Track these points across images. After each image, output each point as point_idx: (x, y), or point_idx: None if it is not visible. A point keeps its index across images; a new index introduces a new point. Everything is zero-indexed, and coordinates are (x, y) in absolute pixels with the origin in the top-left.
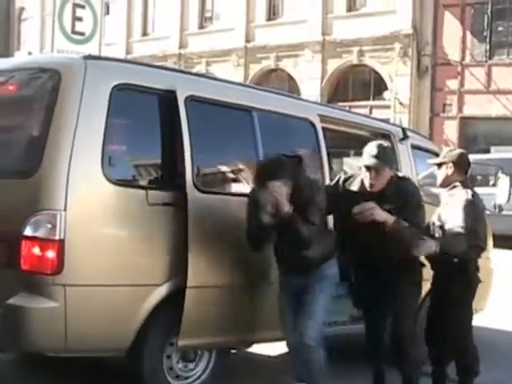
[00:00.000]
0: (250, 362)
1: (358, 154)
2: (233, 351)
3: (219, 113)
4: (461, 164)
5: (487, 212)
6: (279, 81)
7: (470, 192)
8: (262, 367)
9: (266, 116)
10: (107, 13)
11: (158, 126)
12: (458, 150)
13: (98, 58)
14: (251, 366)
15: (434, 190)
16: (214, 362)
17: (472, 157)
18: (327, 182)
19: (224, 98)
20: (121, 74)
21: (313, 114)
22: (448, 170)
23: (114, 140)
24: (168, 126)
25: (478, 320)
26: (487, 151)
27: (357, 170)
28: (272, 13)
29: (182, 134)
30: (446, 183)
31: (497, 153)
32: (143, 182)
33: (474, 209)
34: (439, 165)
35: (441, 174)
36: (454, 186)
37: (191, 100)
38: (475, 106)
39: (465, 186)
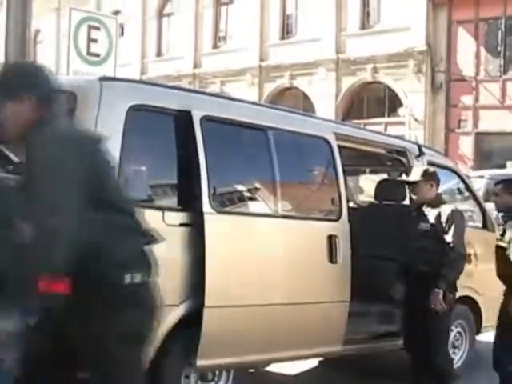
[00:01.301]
0: (268, 381)
1: (374, 171)
2: (251, 370)
3: (235, 132)
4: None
5: None
6: (294, 99)
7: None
8: None
9: (281, 135)
10: (122, 34)
11: (174, 146)
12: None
13: (114, 79)
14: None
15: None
16: (233, 382)
17: (488, 172)
18: (343, 198)
19: (239, 117)
20: (136, 95)
21: (328, 132)
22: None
23: (130, 161)
24: (184, 146)
25: None
26: (503, 166)
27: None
28: (286, 32)
29: (197, 155)
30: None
31: None
32: (160, 203)
33: None
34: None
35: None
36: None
37: (207, 120)
38: (490, 122)
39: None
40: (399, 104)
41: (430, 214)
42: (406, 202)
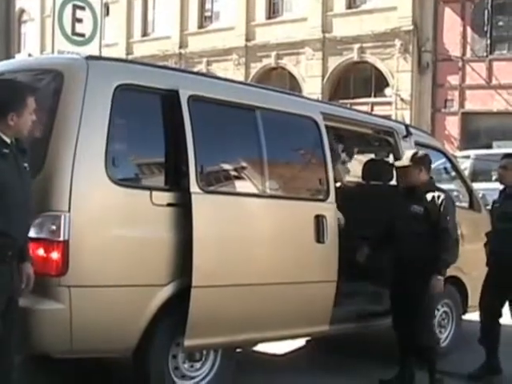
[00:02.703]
0: (256, 361)
1: (361, 151)
2: (238, 350)
3: (222, 112)
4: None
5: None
6: (280, 79)
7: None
8: (267, 365)
9: (269, 115)
10: (107, 14)
11: (161, 126)
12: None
13: (100, 58)
14: (257, 364)
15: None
16: (220, 362)
17: (474, 152)
18: (330, 179)
19: (227, 97)
20: (123, 75)
21: (316, 112)
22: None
23: (118, 140)
24: (171, 125)
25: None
26: (489, 146)
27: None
28: (272, 11)
29: (185, 134)
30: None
31: (498, 148)
32: (147, 183)
33: None
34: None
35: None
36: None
37: (194, 100)
38: (477, 102)
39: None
40: (386, 84)
41: (423, 197)
42: (393, 182)
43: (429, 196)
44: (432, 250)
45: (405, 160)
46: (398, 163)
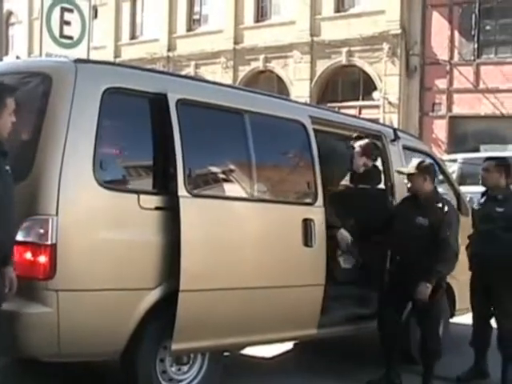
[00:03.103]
0: (244, 364)
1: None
2: (226, 354)
3: (211, 116)
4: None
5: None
6: (268, 82)
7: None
8: (255, 369)
9: (257, 118)
10: (95, 16)
11: (150, 129)
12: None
13: (89, 61)
14: (245, 367)
15: None
16: (208, 365)
17: (461, 156)
18: (318, 182)
19: (215, 100)
20: (111, 78)
21: (304, 116)
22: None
23: (106, 144)
24: (159, 129)
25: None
26: (477, 150)
27: None
28: (260, 14)
29: (173, 138)
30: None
31: (486, 151)
32: (135, 186)
33: None
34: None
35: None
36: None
37: (182, 103)
38: (464, 105)
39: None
40: (374, 87)
41: (428, 209)
42: (381, 186)
43: (434, 208)
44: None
45: (410, 168)
46: (403, 170)
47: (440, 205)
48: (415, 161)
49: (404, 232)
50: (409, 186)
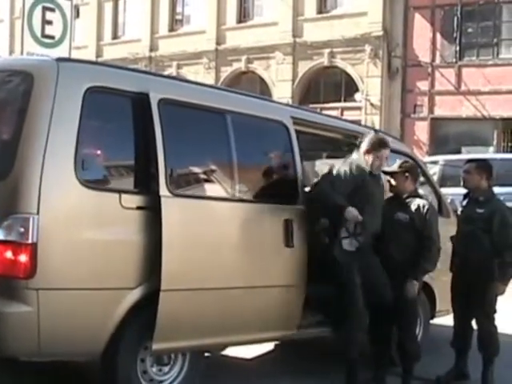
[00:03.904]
0: (225, 365)
1: (331, 156)
2: (207, 354)
3: (193, 115)
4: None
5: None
6: (250, 83)
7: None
8: (236, 369)
9: (239, 119)
10: (77, 16)
11: (132, 129)
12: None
13: (71, 60)
14: (226, 368)
15: None
16: (189, 366)
17: (442, 158)
18: (299, 183)
19: (197, 100)
20: (94, 77)
21: (286, 117)
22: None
23: (87, 143)
24: (141, 128)
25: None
26: (458, 152)
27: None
28: (243, 15)
29: (154, 137)
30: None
31: (468, 153)
32: (116, 186)
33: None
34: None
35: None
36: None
37: (164, 103)
38: (446, 107)
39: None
40: (355, 89)
41: (408, 205)
42: None
43: (414, 204)
44: (416, 256)
45: (393, 167)
46: (386, 169)
47: (420, 202)
48: (399, 161)
49: (386, 229)
50: (391, 185)
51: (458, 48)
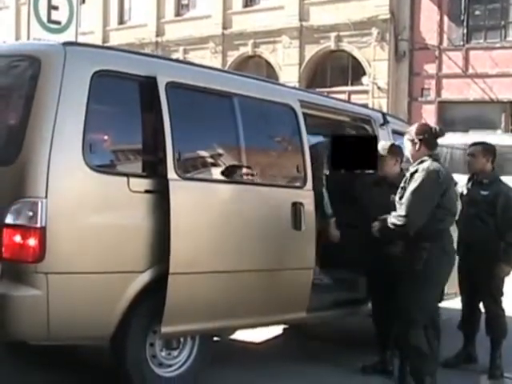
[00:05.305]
0: (234, 349)
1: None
2: (215, 338)
3: (200, 99)
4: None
5: None
6: (257, 67)
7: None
8: (245, 353)
9: (247, 102)
10: (83, 1)
11: (139, 112)
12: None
13: (78, 44)
14: (235, 352)
15: None
16: (198, 350)
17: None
18: (307, 166)
19: (205, 84)
20: (101, 61)
21: (293, 100)
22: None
23: (95, 127)
24: (149, 112)
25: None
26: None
27: None
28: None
29: (162, 121)
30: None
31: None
32: (124, 169)
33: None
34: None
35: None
36: (422, 161)
37: (172, 86)
38: (453, 90)
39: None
40: (362, 72)
41: (396, 187)
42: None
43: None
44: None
45: (381, 150)
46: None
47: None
48: (386, 143)
49: (378, 212)
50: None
51: (465, 31)
